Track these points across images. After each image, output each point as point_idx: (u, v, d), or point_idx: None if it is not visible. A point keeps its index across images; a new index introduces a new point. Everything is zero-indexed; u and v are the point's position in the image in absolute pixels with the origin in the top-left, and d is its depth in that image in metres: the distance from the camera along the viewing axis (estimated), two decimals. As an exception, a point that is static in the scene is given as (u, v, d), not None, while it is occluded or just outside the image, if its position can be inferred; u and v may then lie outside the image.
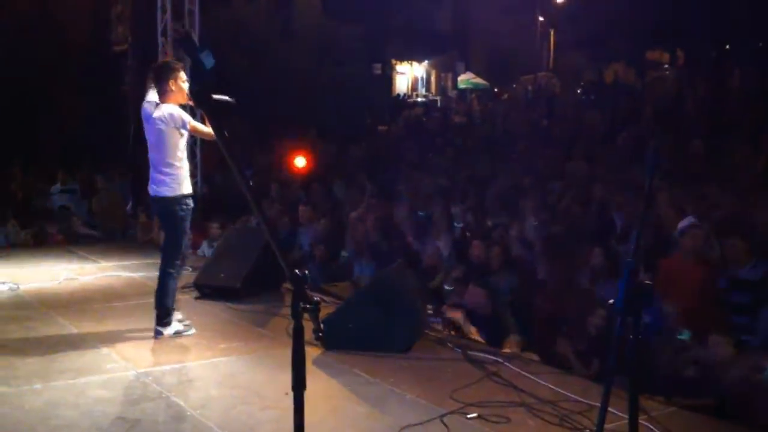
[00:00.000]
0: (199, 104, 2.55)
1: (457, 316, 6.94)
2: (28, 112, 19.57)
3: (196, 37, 12.02)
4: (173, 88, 6.11)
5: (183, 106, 6.22)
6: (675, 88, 19.10)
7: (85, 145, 18.18)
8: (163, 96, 6.14)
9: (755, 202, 8.59)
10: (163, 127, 6.06)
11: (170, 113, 6.07)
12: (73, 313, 7.18)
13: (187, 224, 6.30)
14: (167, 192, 6.14)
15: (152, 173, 6.19)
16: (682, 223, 7.31)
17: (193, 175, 12.99)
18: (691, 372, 5.66)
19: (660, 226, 8.42)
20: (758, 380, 5.19)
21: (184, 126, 6.14)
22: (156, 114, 6.08)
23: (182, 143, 6.20)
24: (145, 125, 6.20)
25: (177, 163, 6.15)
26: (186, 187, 6.24)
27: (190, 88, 1.97)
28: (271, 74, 24.04)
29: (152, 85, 6.20)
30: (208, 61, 2.40)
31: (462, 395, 4.93)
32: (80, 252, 10.78)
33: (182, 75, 6.15)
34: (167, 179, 6.13)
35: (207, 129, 6.31)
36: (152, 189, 6.20)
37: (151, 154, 6.19)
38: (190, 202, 6.29)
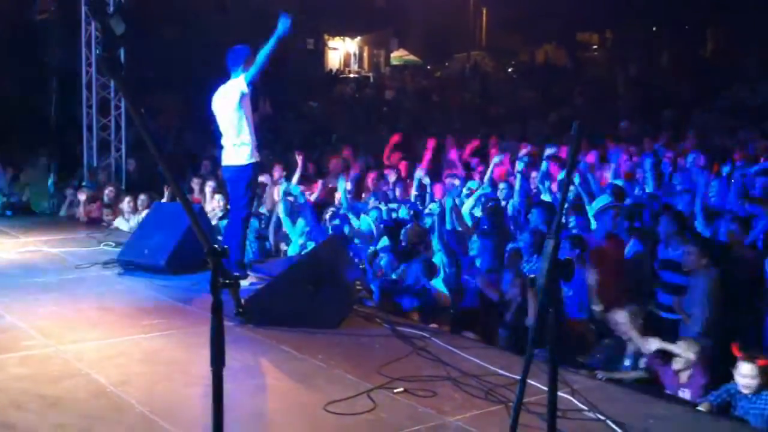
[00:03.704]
0: (109, 72, 2.43)
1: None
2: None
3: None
4: None
5: None
6: (605, 69, 19.51)
7: (10, 118, 17.51)
8: None
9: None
10: None
11: None
12: (-9, 289, 6.93)
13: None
14: None
15: None
16: (598, 202, 7.26)
17: (117, 150, 12.78)
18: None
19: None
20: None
21: None
22: None
23: None
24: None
25: None
26: None
27: (99, 56, 1.86)
28: (204, 48, 23.56)
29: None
30: (119, 27, 2.28)
31: (389, 370, 4.93)
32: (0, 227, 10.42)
33: None
34: None
35: None
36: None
37: None
38: None
